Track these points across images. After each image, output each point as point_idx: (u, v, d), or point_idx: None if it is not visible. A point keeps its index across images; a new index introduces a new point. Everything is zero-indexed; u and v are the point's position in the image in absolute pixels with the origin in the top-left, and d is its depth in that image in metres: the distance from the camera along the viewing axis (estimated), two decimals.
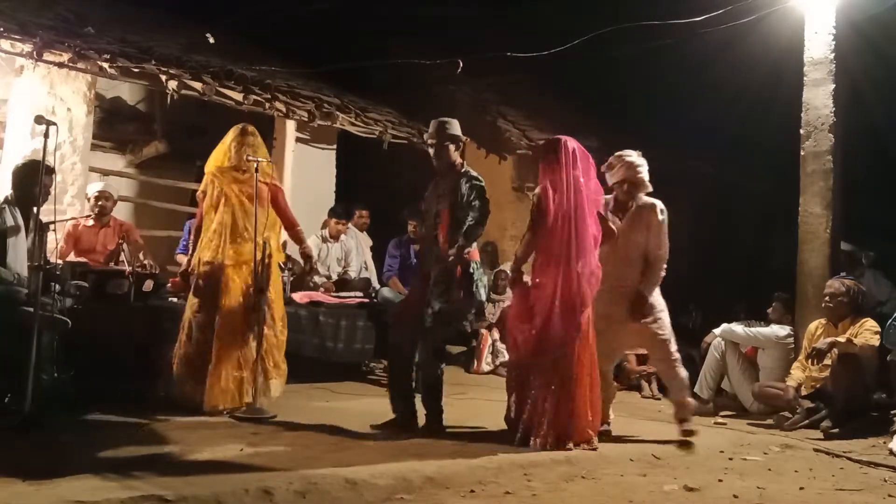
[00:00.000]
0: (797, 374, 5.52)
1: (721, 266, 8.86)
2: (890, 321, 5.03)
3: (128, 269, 5.07)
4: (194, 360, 4.55)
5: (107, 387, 4.49)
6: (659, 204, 4.63)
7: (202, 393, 4.48)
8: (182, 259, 6.04)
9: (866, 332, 5.21)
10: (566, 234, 4.20)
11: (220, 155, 4.82)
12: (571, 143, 4.46)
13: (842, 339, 5.14)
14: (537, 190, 4.42)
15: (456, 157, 4.47)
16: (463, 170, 4.44)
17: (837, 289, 5.40)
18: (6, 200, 4.52)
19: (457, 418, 4.49)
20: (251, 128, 4.87)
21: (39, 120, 4.01)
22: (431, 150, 4.46)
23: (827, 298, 5.43)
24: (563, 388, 4.04)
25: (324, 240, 7.08)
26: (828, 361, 5.21)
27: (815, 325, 5.57)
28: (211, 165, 4.84)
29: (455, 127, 4.50)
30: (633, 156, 4.68)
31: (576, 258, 4.19)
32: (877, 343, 5.14)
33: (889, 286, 6.96)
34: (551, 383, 4.04)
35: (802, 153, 6.00)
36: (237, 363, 4.55)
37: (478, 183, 4.35)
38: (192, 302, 4.67)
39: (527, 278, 4.33)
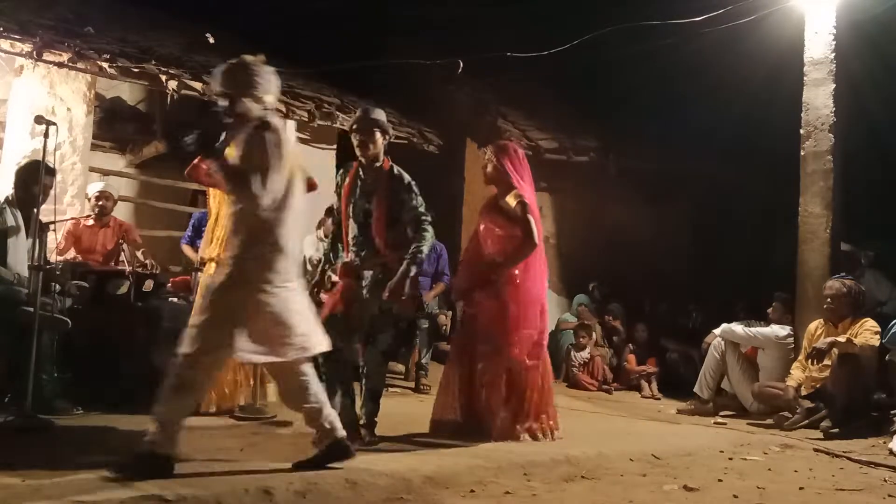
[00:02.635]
0: (797, 373, 5.53)
1: (721, 266, 8.85)
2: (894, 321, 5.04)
3: (128, 268, 5.07)
4: None
5: (107, 387, 4.49)
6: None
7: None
8: (187, 250, 6.04)
9: (866, 333, 5.21)
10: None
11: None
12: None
13: (842, 338, 5.14)
14: (520, 199, 4.36)
15: (382, 148, 4.17)
16: (395, 170, 4.17)
17: (838, 289, 5.39)
18: (6, 200, 4.53)
19: None
20: None
21: (39, 120, 4.02)
22: (357, 139, 4.11)
23: (828, 300, 5.43)
24: (545, 384, 4.41)
25: (320, 240, 7.07)
26: (828, 361, 5.22)
27: (815, 325, 5.57)
28: None
29: (382, 115, 4.22)
30: None
31: (545, 265, 4.50)
32: (877, 343, 5.14)
33: (889, 286, 6.95)
34: (539, 379, 4.36)
35: (802, 153, 6.00)
36: (232, 366, 4.55)
37: (417, 195, 4.12)
38: (197, 303, 4.69)
39: None
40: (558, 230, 9.21)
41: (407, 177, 4.16)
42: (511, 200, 4.36)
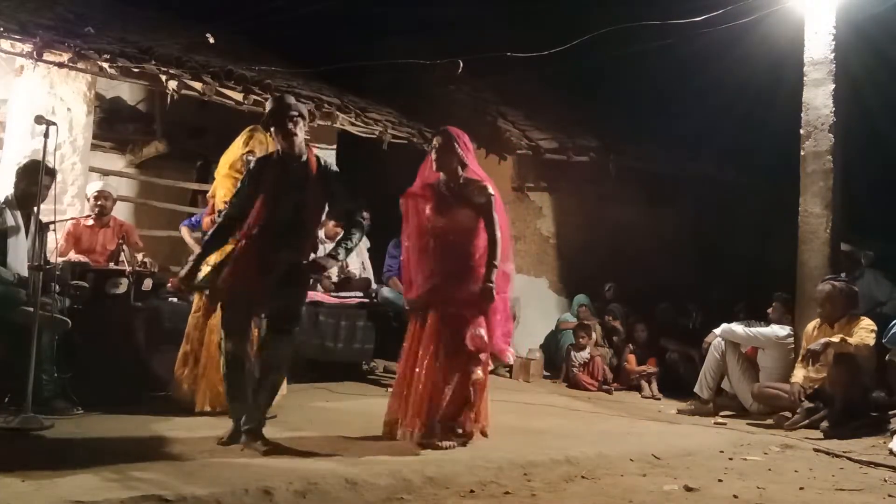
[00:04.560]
0: (800, 372, 5.51)
1: (721, 266, 8.86)
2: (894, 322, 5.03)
3: (128, 268, 5.07)
4: (190, 360, 4.57)
5: (106, 387, 4.49)
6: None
7: (196, 393, 4.49)
8: (185, 231, 5.96)
9: (862, 331, 5.20)
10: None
11: (230, 156, 4.84)
12: None
13: (836, 339, 5.13)
14: (489, 196, 4.17)
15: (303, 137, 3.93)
16: (323, 160, 3.94)
17: (829, 292, 5.41)
18: (6, 200, 4.53)
19: None
20: (260, 129, 4.89)
21: (39, 120, 4.02)
22: (280, 129, 3.81)
23: (819, 302, 5.44)
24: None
25: (321, 241, 7.08)
26: (825, 360, 5.22)
27: (812, 326, 5.57)
28: (223, 168, 4.85)
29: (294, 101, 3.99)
30: None
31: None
32: (872, 342, 5.13)
33: (889, 286, 6.95)
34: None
35: (802, 153, 6.00)
36: None
37: (348, 183, 3.93)
38: (194, 302, 4.70)
39: None
40: (558, 230, 9.21)
41: (335, 167, 3.98)
42: (478, 195, 4.16)
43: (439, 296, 4.13)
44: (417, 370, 4.11)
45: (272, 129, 3.88)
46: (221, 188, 4.79)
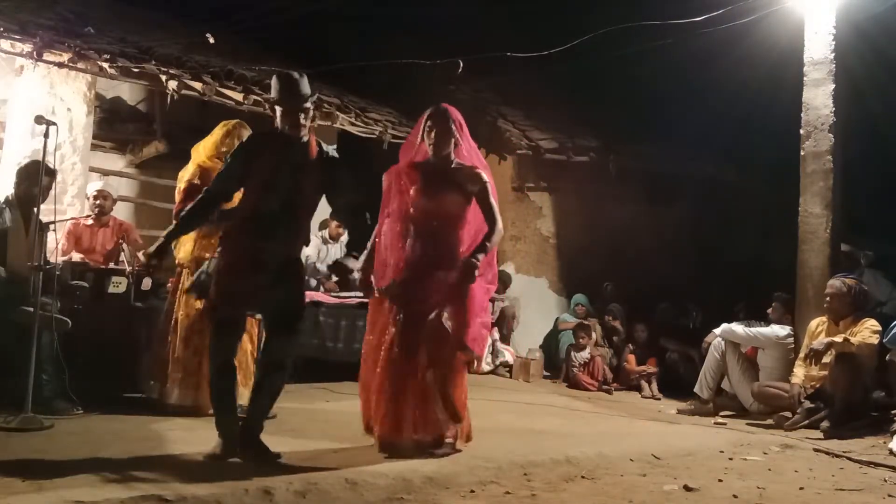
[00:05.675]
0: (800, 371, 5.51)
1: (721, 266, 8.86)
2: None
3: (127, 268, 5.07)
4: (189, 365, 4.50)
5: (106, 387, 4.49)
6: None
7: (197, 397, 4.47)
8: None
9: (865, 332, 5.21)
10: None
11: (210, 146, 4.72)
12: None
13: (838, 338, 5.14)
14: (483, 183, 3.87)
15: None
16: (324, 146, 3.73)
17: (838, 288, 5.40)
18: (6, 200, 4.53)
19: None
20: (245, 125, 4.86)
21: (39, 120, 4.02)
22: (290, 113, 3.58)
23: (828, 298, 5.43)
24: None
25: (324, 241, 7.10)
26: (827, 359, 5.22)
27: (817, 323, 5.57)
28: (201, 156, 4.72)
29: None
30: None
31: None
32: (875, 342, 5.14)
33: (889, 286, 6.96)
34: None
35: (802, 153, 6.01)
36: None
37: (350, 172, 3.68)
38: (184, 302, 4.57)
39: None
40: (558, 230, 9.21)
41: (335, 153, 3.73)
42: (471, 183, 3.86)
43: (413, 291, 3.79)
44: (408, 370, 3.76)
45: (279, 111, 3.63)
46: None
